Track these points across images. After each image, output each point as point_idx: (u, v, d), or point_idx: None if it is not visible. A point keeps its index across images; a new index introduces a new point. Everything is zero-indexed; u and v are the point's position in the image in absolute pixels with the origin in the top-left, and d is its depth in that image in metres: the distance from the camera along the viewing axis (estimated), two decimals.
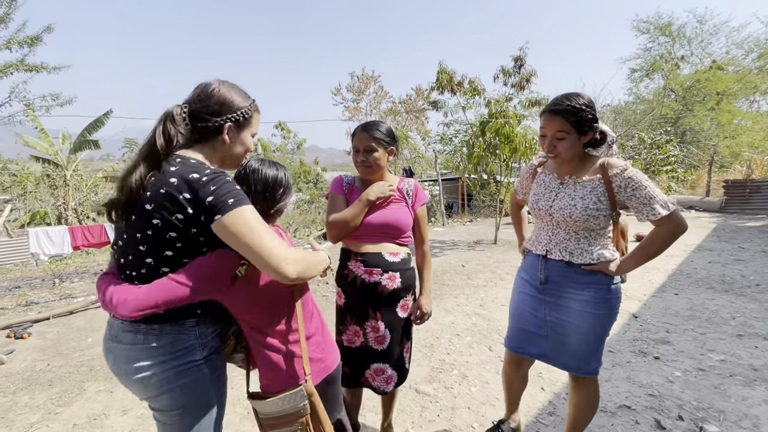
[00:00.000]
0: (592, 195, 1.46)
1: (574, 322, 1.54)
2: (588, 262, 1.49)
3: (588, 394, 1.66)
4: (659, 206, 1.37)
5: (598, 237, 1.51)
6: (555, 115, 1.45)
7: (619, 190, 1.42)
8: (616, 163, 1.44)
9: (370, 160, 1.69)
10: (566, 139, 1.45)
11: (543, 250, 1.62)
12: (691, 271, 4.90)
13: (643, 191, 1.39)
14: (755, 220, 8.78)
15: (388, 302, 1.70)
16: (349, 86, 19.00)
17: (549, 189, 1.60)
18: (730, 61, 19.97)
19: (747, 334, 3.08)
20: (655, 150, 13.58)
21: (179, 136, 1.07)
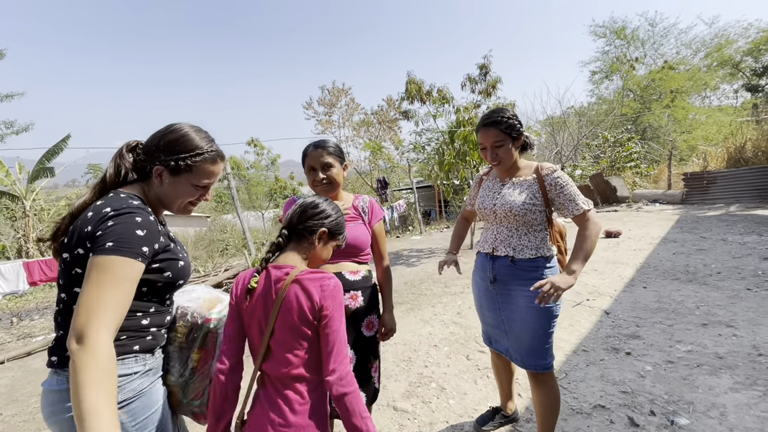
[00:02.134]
0: (529, 192, 1.65)
1: (523, 318, 1.66)
2: (528, 257, 1.65)
3: (548, 390, 1.71)
4: (581, 203, 1.59)
5: (537, 233, 1.67)
6: (490, 128, 1.66)
7: (550, 188, 1.63)
8: (547, 166, 1.67)
9: (330, 177, 1.66)
10: (503, 146, 1.66)
11: (490, 248, 1.76)
12: (657, 263, 5.07)
13: (568, 189, 1.61)
14: (714, 210, 9.23)
15: (352, 322, 1.66)
16: (320, 100, 18.99)
17: (492, 191, 1.79)
18: (681, 60, 21.23)
19: (711, 322, 3.18)
20: (619, 148, 14.17)
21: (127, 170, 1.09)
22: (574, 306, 3.85)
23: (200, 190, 1.16)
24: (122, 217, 0.94)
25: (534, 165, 1.71)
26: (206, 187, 1.17)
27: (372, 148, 15.56)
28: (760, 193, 9.61)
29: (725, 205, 9.78)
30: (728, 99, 23.33)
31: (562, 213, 1.64)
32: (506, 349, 1.78)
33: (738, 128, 13.51)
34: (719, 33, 20.30)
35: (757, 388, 2.26)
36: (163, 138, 1.09)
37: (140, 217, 0.97)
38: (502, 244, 1.72)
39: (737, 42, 19.73)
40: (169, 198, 1.12)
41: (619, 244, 6.38)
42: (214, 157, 1.14)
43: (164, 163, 1.08)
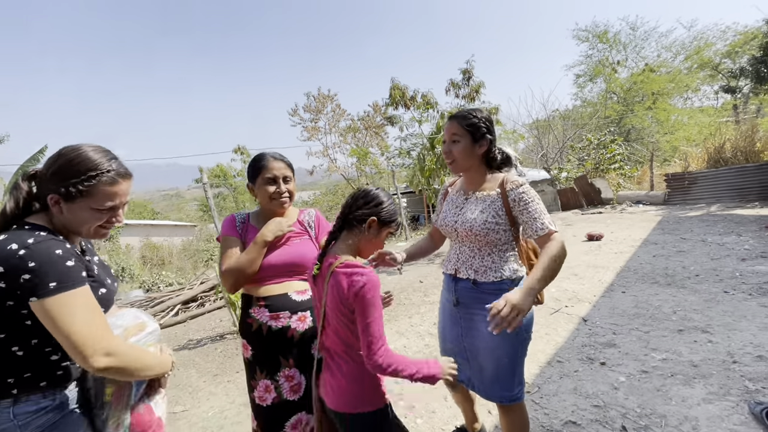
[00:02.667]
0: (491, 208, 1.49)
1: (486, 346, 1.50)
2: (491, 281, 1.48)
3: (515, 419, 1.58)
4: (547, 222, 1.40)
5: (501, 253, 1.51)
6: (451, 121, 1.55)
7: (514, 204, 1.46)
8: (513, 179, 1.50)
9: (290, 191, 1.58)
10: (460, 143, 1.51)
11: (452, 270, 1.61)
12: (637, 266, 5.05)
13: (532, 206, 1.43)
14: (695, 210, 9.31)
15: (301, 345, 1.56)
16: (306, 106, 18.89)
17: (455, 205, 1.62)
18: (662, 63, 21.62)
19: (687, 328, 3.13)
20: (602, 150, 14.30)
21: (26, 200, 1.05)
22: (552, 313, 3.78)
23: (106, 214, 1.07)
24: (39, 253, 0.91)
25: (500, 178, 1.53)
26: (113, 209, 1.08)
27: (358, 155, 15.50)
28: (739, 192, 9.74)
29: (706, 205, 9.88)
30: (709, 100, 23.84)
31: (526, 232, 1.46)
32: (468, 378, 1.60)
33: (717, 129, 13.74)
34: (698, 36, 20.75)
35: (729, 399, 2.20)
36: (54, 164, 1.02)
37: (58, 248, 0.94)
38: (463, 265, 1.56)
39: (716, 44, 20.18)
40: (73, 225, 1.05)
41: (601, 247, 6.37)
42: (113, 178, 1.04)
43: (57, 191, 1.00)
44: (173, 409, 2.81)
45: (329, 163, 19.68)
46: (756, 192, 9.50)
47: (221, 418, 2.61)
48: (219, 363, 3.54)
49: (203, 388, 3.09)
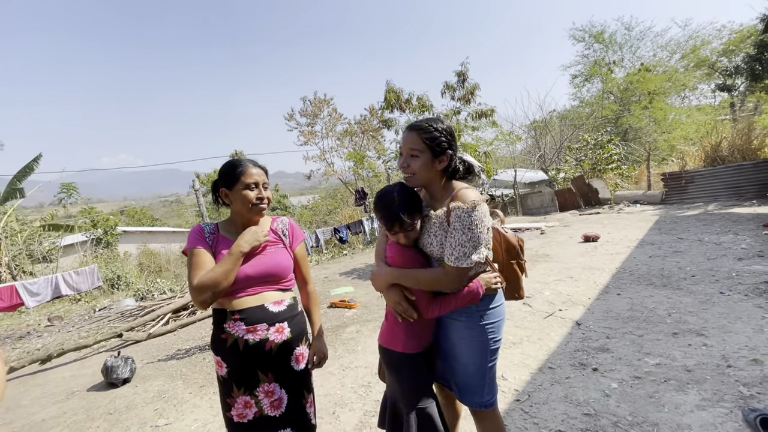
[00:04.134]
0: (441, 232, 1.39)
1: (454, 351, 1.48)
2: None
3: (487, 426, 1.54)
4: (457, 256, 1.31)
5: None
6: (411, 132, 1.44)
7: (452, 222, 1.34)
8: (464, 197, 1.35)
9: (269, 198, 1.56)
10: (419, 158, 1.41)
11: None
12: (633, 268, 4.98)
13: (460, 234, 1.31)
14: (693, 209, 9.25)
15: (279, 358, 1.51)
16: (302, 111, 18.89)
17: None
18: (658, 62, 21.63)
19: (681, 331, 3.07)
20: (599, 150, 14.26)
21: None
22: (545, 317, 3.72)
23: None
24: None
25: (455, 191, 1.41)
26: None
27: (355, 158, 15.47)
28: (736, 191, 9.68)
29: (704, 204, 9.82)
30: (707, 98, 23.83)
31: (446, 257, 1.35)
32: (444, 377, 1.58)
33: (713, 127, 13.69)
34: (693, 35, 20.78)
35: (723, 405, 2.14)
36: None
37: None
38: None
39: (712, 43, 20.20)
40: None
41: (597, 249, 6.30)
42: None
43: None
44: (156, 423, 2.74)
45: (326, 167, 19.66)
46: (753, 190, 9.45)
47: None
48: (206, 374, 3.48)
49: (188, 401, 3.03)
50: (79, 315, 7.15)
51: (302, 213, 24.13)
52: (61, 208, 14.42)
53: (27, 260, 12.34)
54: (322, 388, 2.90)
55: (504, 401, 2.43)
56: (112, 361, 3.49)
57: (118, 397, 3.27)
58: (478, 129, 13.57)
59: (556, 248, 6.74)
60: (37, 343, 5.50)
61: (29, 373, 4.16)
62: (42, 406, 3.34)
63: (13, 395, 3.64)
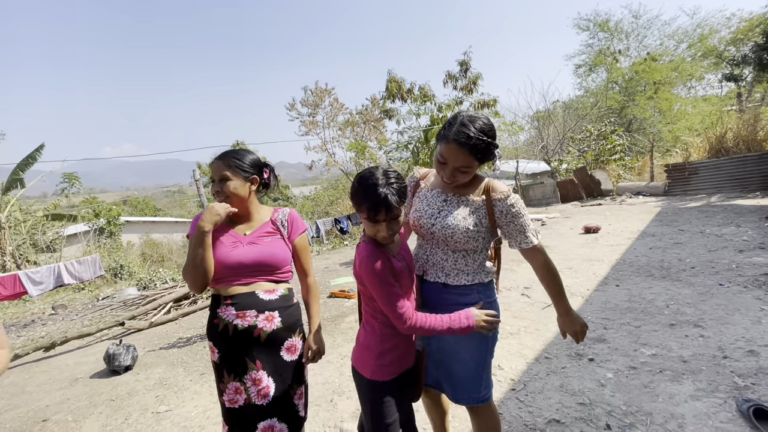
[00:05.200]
0: (475, 216, 1.41)
1: (453, 348, 1.45)
2: (463, 284, 1.43)
3: (486, 420, 1.54)
4: (531, 235, 1.41)
5: (476, 257, 1.46)
6: (462, 148, 1.30)
7: (500, 215, 1.40)
8: (499, 187, 1.42)
9: (227, 191, 1.52)
10: (469, 172, 1.37)
11: (420, 270, 1.51)
12: (633, 259, 4.98)
13: (519, 220, 1.39)
14: (695, 201, 9.20)
15: (269, 346, 1.52)
16: (303, 101, 18.76)
17: (432, 206, 1.48)
18: (664, 51, 21.27)
19: (679, 322, 3.08)
20: (602, 141, 14.14)
21: None
22: (543, 308, 3.73)
23: None
24: None
25: (484, 182, 1.44)
26: None
27: (356, 149, 15.41)
28: (740, 182, 9.60)
29: (707, 195, 9.76)
30: (713, 89, 23.45)
31: (509, 243, 1.45)
32: (436, 380, 1.54)
33: (718, 118, 13.53)
34: (701, 23, 20.37)
35: (718, 395, 2.15)
36: None
37: None
38: (433, 267, 1.47)
39: (720, 32, 19.80)
40: None
41: (598, 240, 6.29)
42: None
43: None
44: (157, 410, 2.79)
45: (328, 157, 19.62)
46: (757, 182, 9.37)
47: (204, 418, 2.59)
48: (207, 361, 3.52)
49: (189, 387, 3.07)
50: (82, 304, 7.23)
51: (304, 203, 24.14)
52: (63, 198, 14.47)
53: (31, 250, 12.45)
54: (320, 376, 2.93)
55: (499, 390, 2.45)
56: (114, 349, 3.54)
57: (120, 384, 3.32)
58: None
59: (557, 240, 6.74)
60: (41, 331, 5.58)
61: (34, 360, 4.22)
62: (46, 392, 3.40)
63: (18, 381, 3.70)
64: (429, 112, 11.67)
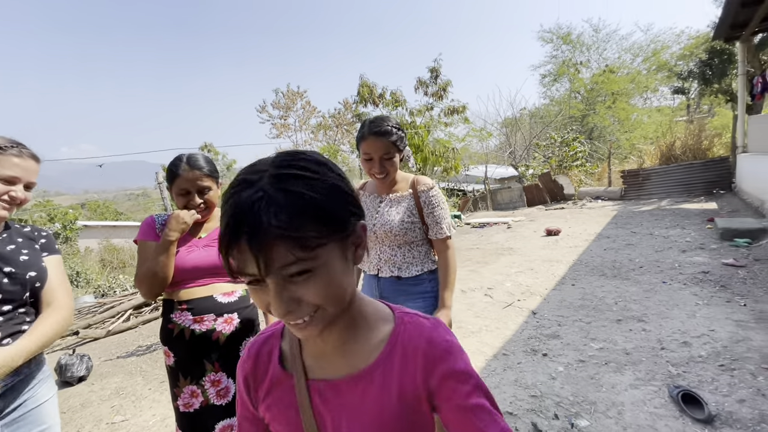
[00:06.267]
0: (406, 209, 1.60)
1: None
2: (414, 275, 1.61)
3: None
4: (446, 227, 1.60)
5: (420, 248, 1.65)
6: (380, 137, 1.53)
7: (424, 204, 1.60)
8: (424, 180, 1.64)
9: (208, 202, 1.53)
10: (393, 159, 1.57)
11: (375, 270, 1.67)
12: (589, 260, 5.26)
13: (438, 210, 1.59)
14: (648, 205, 9.81)
15: (228, 348, 1.53)
16: (275, 103, 18.57)
17: (371, 209, 1.67)
18: (622, 64, 22.57)
19: (625, 317, 3.30)
20: (565, 147, 14.83)
21: None
22: (504, 307, 3.89)
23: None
24: None
25: (410, 178, 1.66)
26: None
27: (328, 152, 15.39)
28: (687, 188, 10.34)
29: (658, 200, 10.43)
30: (666, 100, 25.05)
31: (429, 233, 1.63)
32: None
33: (668, 128, 14.49)
34: (654, 39, 21.77)
35: (654, 383, 2.33)
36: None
37: None
38: (386, 264, 1.65)
39: (671, 47, 21.25)
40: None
41: (558, 242, 6.60)
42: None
43: None
44: (112, 420, 2.70)
45: None
46: (701, 187, 10.12)
47: (162, 427, 2.53)
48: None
49: (147, 396, 2.99)
50: None
51: None
52: None
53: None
54: None
55: None
56: (66, 360, 3.38)
57: (73, 396, 3.17)
58: (450, 125, 13.81)
59: (521, 242, 7.01)
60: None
61: None
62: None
63: None
64: (400, 117, 11.88)
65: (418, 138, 7.60)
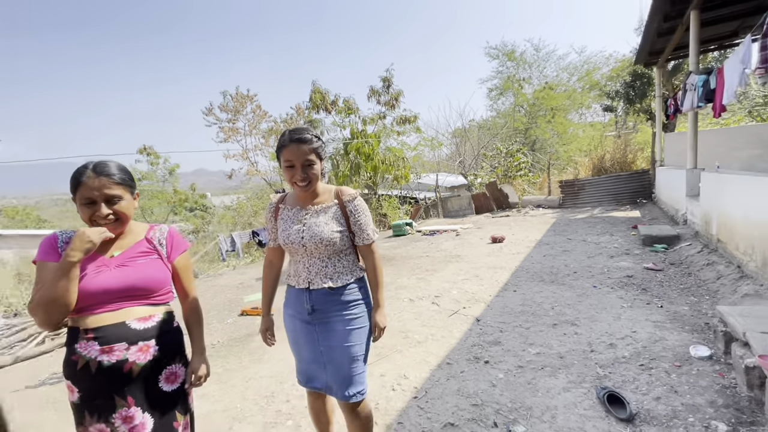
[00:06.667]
0: (334, 218, 1.64)
1: (342, 343, 1.62)
2: (345, 284, 1.65)
3: (364, 417, 1.70)
4: (371, 232, 1.69)
5: (348, 257, 1.70)
6: (302, 144, 1.55)
7: (350, 214, 1.66)
8: (347, 191, 1.70)
9: (119, 212, 1.38)
10: (315, 165, 1.59)
11: (305, 283, 1.65)
12: (529, 266, 5.54)
13: (363, 218, 1.67)
14: (582, 213, 10.60)
15: (144, 379, 1.38)
16: (223, 106, 17.75)
17: (296, 221, 1.66)
18: (560, 82, 24.42)
19: (560, 322, 3.49)
20: (510, 158, 15.67)
21: None
22: (450, 315, 3.96)
23: None
24: None
25: (333, 189, 1.71)
26: None
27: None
28: (615, 197, 11.34)
29: (591, 208, 11.32)
30: (599, 116, 27.44)
31: (355, 239, 1.70)
32: (325, 383, 1.68)
33: (599, 142, 15.84)
34: (587, 60, 23.81)
35: (584, 386, 2.47)
36: None
37: None
38: (317, 276, 1.64)
39: (602, 69, 23.35)
40: None
41: (502, 249, 6.89)
42: None
43: None
44: None
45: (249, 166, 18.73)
46: (628, 197, 11.16)
47: None
48: None
49: (61, 430, 2.65)
50: None
51: (224, 214, 22.67)
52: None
53: None
54: (220, 402, 2.75)
55: (403, 399, 2.53)
56: None
57: None
58: (403, 134, 14.04)
59: (468, 249, 7.23)
60: None
61: None
62: None
63: None
64: (353, 124, 11.88)
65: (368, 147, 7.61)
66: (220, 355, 3.63)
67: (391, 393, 2.63)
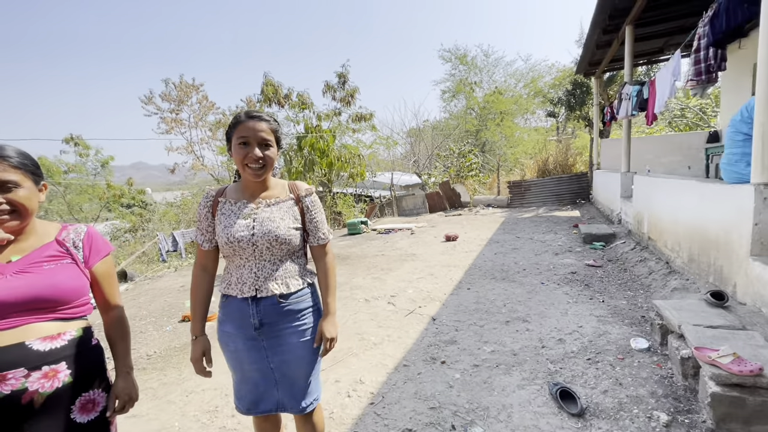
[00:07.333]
0: (290, 214, 1.48)
1: (297, 357, 1.50)
2: (296, 290, 1.48)
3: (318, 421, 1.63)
4: (326, 231, 1.58)
5: (300, 259, 1.56)
6: (259, 122, 1.40)
7: (306, 210, 1.52)
8: (302, 185, 1.57)
9: (14, 203, 1.13)
10: (272, 148, 1.43)
11: (251, 291, 1.42)
12: (482, 264, 5.67)
13: (320, 215, 1.55)
14: (529, 212, 11.16)
15: (50, 412, 1.14)
16: (164, 95, 16.49)
17: (244, 217, 1.44)
18: (508, 87, 25.62)
19: (512, 319, 3.57)
20: (462, 159, 16.14)
21: None
22: (406, 315, 3.91)
23: None
24: None
25: (286, 184, 1.57)
26: None
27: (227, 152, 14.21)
28: (558, 198, 12.08)
29: (536, 207, 11.96)
30: (542, 122, 29.20)
31: (309, 239, 1.57)
32: (277, 402, 1.51)
33: (543, 146, 16.81)
34: (532, 68, 25.21)
35: (536, 382, 2.51)
36: None
37: None
38: (268, 281, 1.43)
39: (545, 77, 24.83)
40: None
41: (456, 247, 7.02)
42: None
43: None
44: None
45: (194, 160, 17.59)
46: (569, 198, 11.93)
47: None
48: None
49: None
50: None
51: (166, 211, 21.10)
52: None
53: None
54: (155, 422, 2.46)
55: (359, 406, 2.42)
56: None
57: None
58: (358, 131, 13.91)
59: (423, 248, 7.28)
60: None
61: None
62: None
63: None
64: (307, 119, 11.54)
65: (323, 143, 7.40)
66: (156, 368, 3.29)
67: (347, 400, 2.51)
